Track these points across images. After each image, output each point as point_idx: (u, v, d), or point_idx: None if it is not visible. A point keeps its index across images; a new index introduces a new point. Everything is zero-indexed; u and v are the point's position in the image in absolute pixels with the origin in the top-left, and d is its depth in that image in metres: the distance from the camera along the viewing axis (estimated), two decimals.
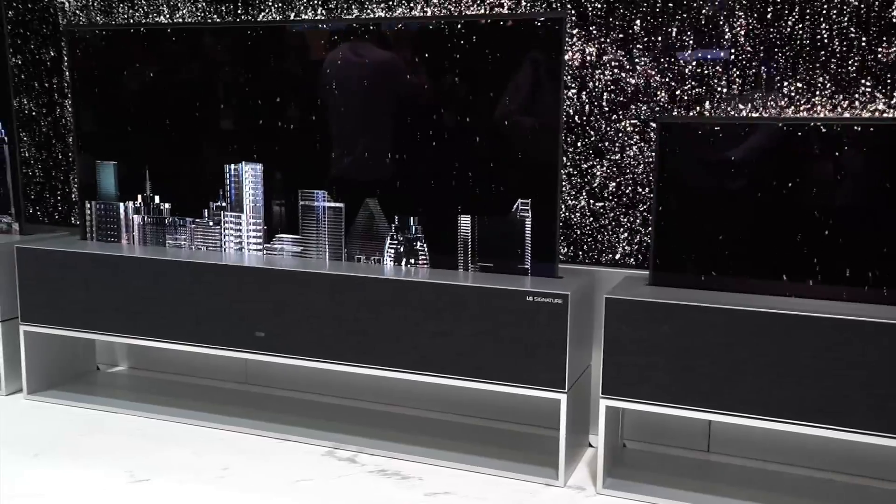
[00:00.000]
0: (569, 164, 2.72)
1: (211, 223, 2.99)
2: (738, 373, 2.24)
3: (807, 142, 2.31)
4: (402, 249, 2.73)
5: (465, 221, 2.65)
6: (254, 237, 2.93)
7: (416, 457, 2.62)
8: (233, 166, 2.92)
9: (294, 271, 2.71)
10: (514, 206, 2.58)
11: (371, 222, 2.76)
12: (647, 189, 2.64)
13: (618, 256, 2.70)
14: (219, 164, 2.94)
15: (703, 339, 2.27)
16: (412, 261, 2.73)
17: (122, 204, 3.11)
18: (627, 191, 2.68)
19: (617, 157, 2.67)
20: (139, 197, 3.07)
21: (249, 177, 2.91)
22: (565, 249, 2.76)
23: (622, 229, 2.70)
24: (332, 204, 2.81)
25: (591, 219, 2.72)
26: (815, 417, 2.19)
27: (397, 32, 2.68)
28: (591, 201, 2.70)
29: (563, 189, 2.71)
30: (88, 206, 3.16)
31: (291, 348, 2.72)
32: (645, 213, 2.66)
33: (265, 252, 2.91)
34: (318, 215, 2.82)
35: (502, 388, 2.49)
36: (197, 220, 3.01)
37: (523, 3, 2.70)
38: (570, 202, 2.73)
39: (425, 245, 2.71)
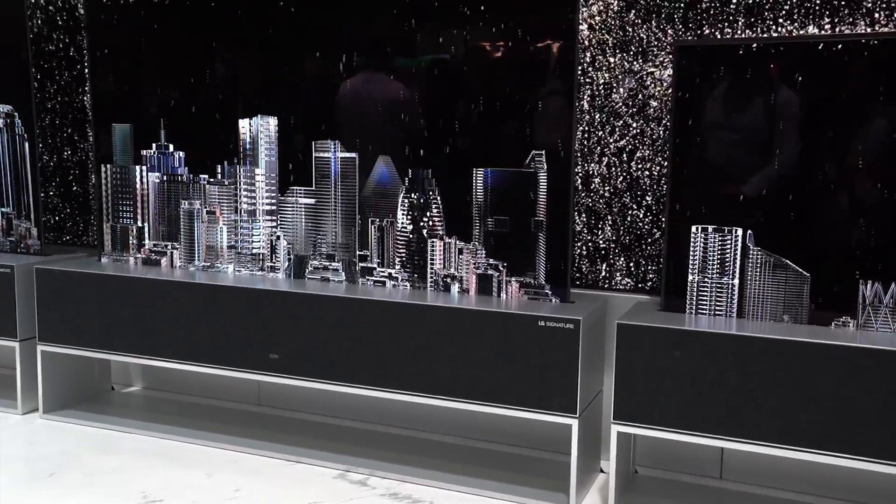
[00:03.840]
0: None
1: (226, 182, 2.99)
2: (751, 399, 2.24)
3: None
4: (416, 204, 2.72)
5: (479, 175, 2.64)
6: (268, 195, 2.92)
7: (428, 480, 2.62)
8: (248, 121, 2.93)
9: (308, 294, 2.73)
10: (529, 158, 2.58)
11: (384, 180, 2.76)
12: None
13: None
14: (233, 119, 2.95)
15: (715, 366, 2.27)
16: (427, 216, 2.72)
17: (137, 167, 3.12)
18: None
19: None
20: (153, 146, 3.08)
21: (263, 131, 2.90)
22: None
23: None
24: (346, 154, 2.81)
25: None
26: (830, 446, 2.18)
27: None
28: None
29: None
30: (104, 169, 3.17)
31: (305, 370, 2.73)
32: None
33: (278, 205, 2.90)
34: (331, 166, 2.80)
35: (514, 412, 2.49)
36: (211, 179, 3.02)
37: None
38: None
39: (439, 198, 2.71)
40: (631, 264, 2.72)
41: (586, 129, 2.71)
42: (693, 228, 2.44)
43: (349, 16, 2.77)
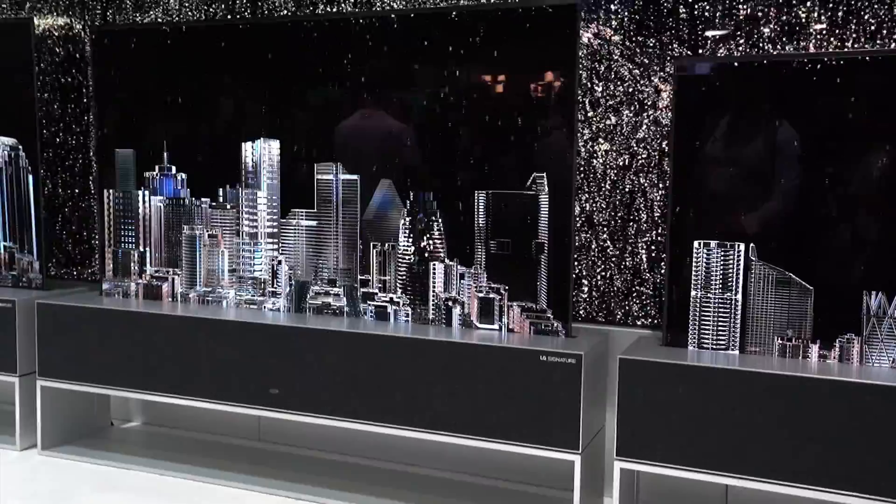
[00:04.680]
0: None
1: (228, 206, 2.99)
2: (755, 436, 2.22)
3: None
4: (418, 226, 2.71)
5: (480, 198, 2.65)
6: (269, 217, 2.92)
7: None
8: (250, 144, 2.93)
9: (308, 328, 2.72)
10: (530, 180, 2.59)
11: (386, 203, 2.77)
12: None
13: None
14: (236, 142, 2.96)
15: (719, 402, 2.25)
16: (428, 237, 2.71)
17: (140, 192, 3.12)
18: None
19: None
20: (156, 168, 3.08)
21: (266, 154, 2.91)
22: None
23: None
24: (348, 176, 2.82)
25: None
26: (835, 483, 2.15)
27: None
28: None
29: None
30: (107, 194, 3.17)
31: (305, 405, 2.71)
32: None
33: (279, 228, 2.91)
34: (333, 188, 2.81)
35: (516, 448, 2.47)
36: (213, 203, 3.02)
37: None
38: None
39: (440, 221, 2.70)
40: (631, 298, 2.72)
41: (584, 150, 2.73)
42: (696, 244, 2.43)
43: (356, 49, 2.80)
